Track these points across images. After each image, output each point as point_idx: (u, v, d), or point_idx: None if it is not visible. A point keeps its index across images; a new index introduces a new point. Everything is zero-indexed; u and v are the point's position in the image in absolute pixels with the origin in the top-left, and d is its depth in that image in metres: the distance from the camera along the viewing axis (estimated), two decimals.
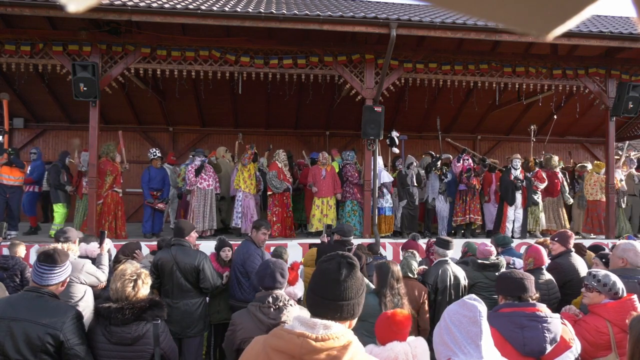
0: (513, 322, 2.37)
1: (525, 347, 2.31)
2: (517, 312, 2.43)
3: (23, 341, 2.42)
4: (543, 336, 2.33)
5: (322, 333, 1.40)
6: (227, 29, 7.81)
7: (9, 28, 7.74)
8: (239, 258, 4.75)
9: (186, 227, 4.44)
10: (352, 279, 1.48)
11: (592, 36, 7.66)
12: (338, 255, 1.53)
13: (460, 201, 8.96)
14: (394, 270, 3.45)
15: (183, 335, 4.14)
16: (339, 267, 1.48)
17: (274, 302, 2.70)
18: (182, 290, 4.19)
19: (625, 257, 3.47)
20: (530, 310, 2.42)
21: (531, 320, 2.38)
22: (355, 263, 1.52)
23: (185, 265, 4.16)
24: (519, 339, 2.31)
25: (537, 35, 0.53)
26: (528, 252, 4.13)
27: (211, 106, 11.71)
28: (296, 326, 1.44)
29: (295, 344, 1.39)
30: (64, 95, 10.45)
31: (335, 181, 8.55)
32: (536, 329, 2.35)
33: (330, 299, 1.45)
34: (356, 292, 1.49)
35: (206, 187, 8.17)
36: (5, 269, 4.40)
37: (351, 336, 1.45)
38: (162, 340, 2.74)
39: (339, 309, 1.45)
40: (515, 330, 2.35)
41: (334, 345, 1.38)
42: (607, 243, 7.10)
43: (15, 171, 8.14)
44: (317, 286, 1.50)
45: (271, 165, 8.41)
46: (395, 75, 8.32)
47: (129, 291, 2.69)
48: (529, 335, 2.34)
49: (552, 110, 10.75)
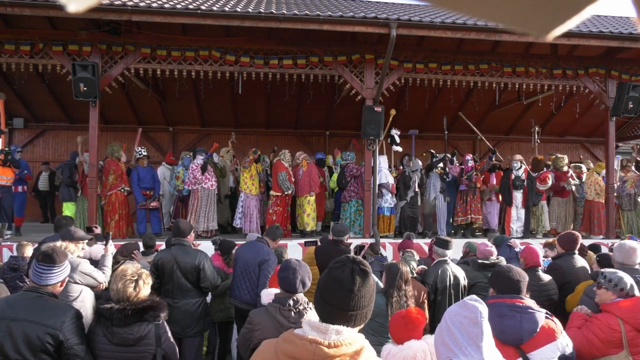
0: (495, 311, 2.43)
1: (503, 334, 2.41)
2: (499, 303, 2.56)
3: (23, 341, 2.42)
4: (521, 325, 2.44)
5: (335, 339, 1.38)
6: (227, 29, 7.81)
7: (9, 28, 7.74)
8: (255, 258, 4.61)
9: (186, 227, 4.44)
10: (365, 287, 1.44)
11: (592, 36, 7.66)
12: (350, 261, 1.48)
13: (460, 201, 8.97)
14: (403, 271, 3.46)
15: (183, 335, 4.13)
16: (352, 275, 1.44)
17: (294, 305, 2.67)
18: (183, 290, 4.18)
19: (613, 257, 3.62)
20: (510, 302, 2.55)
21: (511, 310, 2.50)
22: (368, 270, 1.48)
23: (185, 264, 4.16)
24: (498, 327, 2.38)
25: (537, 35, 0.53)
26: (521, 252, 4.27)
27: (211, 106, 11.71)
28: (307, 331, 1.42)
29: (308, 351, 1.38)
30: (64, 95, 10.45)
31: (311, 179, 8.49)
32: (514, 318, 2.47)
33: (344, 309, 1.41)
34: (369, 299, 1.46)
35: (210, 187, 8.18)
36: (15, 269, 4.42)
37: (363, 341, 1.44)
38: (164, 341, 2.74)
39: (352, 318, 1.42)
40: (495, 319, 2.41)
41: (346, 352, 1.37)
42: (607, 243, 7.11)
43: (7, 171, 8.11)
44: (329, 295, 1.45)
45: (278, 166, 8.31)
46: (395, 75, 8.32)
47: (130, 292, 2.69)
48: (507, 324, 2.46)
49: (552, 111, 10.75)
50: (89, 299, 3.54)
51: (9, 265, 4.50)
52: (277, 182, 8.15)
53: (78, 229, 4.35)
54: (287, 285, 2.75)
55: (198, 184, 8.09)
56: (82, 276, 3.56)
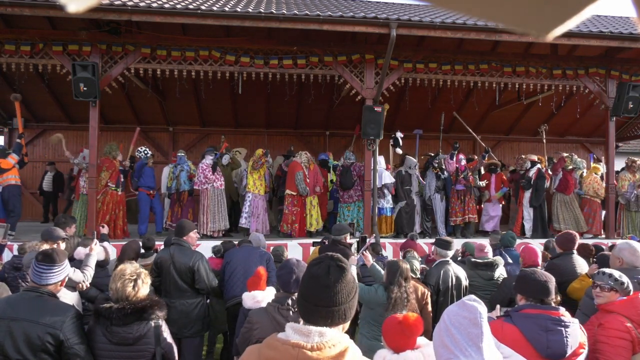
0: (538, 325, 2.38)
1: (548, 350, 2.34)
2: (542, 315, 2.43)
3: (23, 341, 2.42)
4: (566, 340, 2.36)
5: (317, 341, 1.37)
6: (227, 29, 7.81)
7: (9, 28, 7.74)
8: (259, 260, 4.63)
9: (187, 227, 4.44)
10: (342, 283, 1.43)
11: (592, 36, 7.66)
12: (327, 258, 1.49)
13: (458, 201, 8.97)
14: (403, 269, 3.50)
15: (181, 335, 4.13)
16: (328, 271, 1.44)
17: (292, 305, 2.68)
18: (179, 289, 4.19)
19: (621, 257, 3.52)
20: (555, 315, 2.44)
21: (556, 324, 2.40)
22: (345, 266, 1.48)
23: (180, 265, 4.16)
24: (543, 341, 2.33)
25: (537, 35, 0.53)
26: (520, 252, 4.29)
27: (211, 106, 11.71)
28: (290, 335, 1.41)
29: (290, 356, 1.37)
30: (64, 95, 10.44)
31: (317, 180, 8.56)
32: (560, 334, 2.37)
33: (321, 305, 1.41)
34: (347, 296, 1.44)
35: (219, 186, 8.20)
36: (18, 268, 4.44)
37: (347, 341, 1.43)
38: (163, 340, 2.74)
39: (330, 315, 1.41)
40: (539, 333, 2.36)
41: (329, 354, 1.37)
42: (607, 243, 7.10)
43: (15, 170, 8.13)
44: (308, 292, 1.46)
45: (295, 166, 8.31)
46: (395, 75, 8.32)
47: (129, 291, 2.68)
48: (553, 339, 2.36)
49: (552, 111, 10.74)
50: (68, 299, 3.50)
51: (12, 265, 4.51)
52: (294, 182, 8.17)
53: (57, 229, 4.39)
54: (283, 285, 2.80)
55: (209, 184, 8.09)
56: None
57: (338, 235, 5.11)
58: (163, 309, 2.79)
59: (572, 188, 9.24)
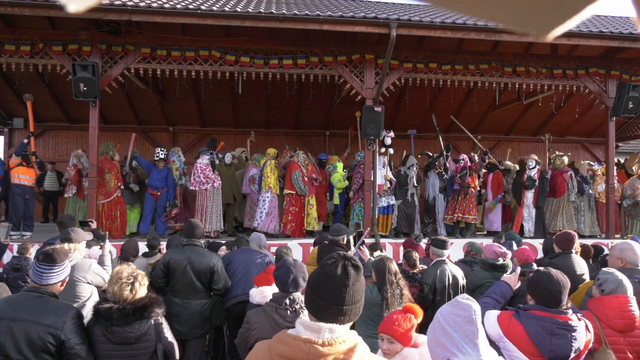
0: (543, 327, 2.38)
1: (551, 353, 2.35)
2: (549, 319, 2.41)
3: (24, 341, 2.41)
4: (570, 345, 2.36)
5: (328, 337, 1.39)
6: (227, 29, 7.80)
7: (9, 28, 7.74)
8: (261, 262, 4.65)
9: (198, 228, 4.48)
10: (358, 282, 1.46)
11: (592, 36, 7.66)
12: (341, 257, 1.50)
13: (453, 200, 8.98)
14: (390, 267, 3.48)
15: (191, 335, 4.16)
16: (346, 271, 1.45)
17: (290, 305, 2.69)
18: (195, 290, 4.21)
19: (624, 257, 3.50)
20: (563, 319, 2.42)
21: (562, 329, 2.38)
22: (360, 265, 1.50)
23: (200, 265, 4.18)
24: (547, 344, 2.33)
25: (537, 35, 0.53)
26: (514, 252, 4.36)
27: (211, 106, 11.71)
28: (301, 331, 1.43)
29: (302, 350, 1.39)
30: (64, 95, 10.45)
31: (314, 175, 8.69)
32: (565, 338, 2.37)
33: (335, 303, 1.43)
34: (361, 294, 1.48)
35: (218, 186, 8.20)
36: (17, 269, 4.45)
37: (356, 338, 1.45)
38: (164, 338, 2.75)
39: (342, 313, 1.43)
40: (544, 335, 2.36)
41: (340, 350, 1.39)
42: (607, 243, 7.11)
43: (31, 172, 8.12)
44: (321, 290, 1.46)
45: (292, 165, 8.34)
46: (395, 75, 8.32)
47: (127, 294, 2.67)
48: (557, 343, 2.36)
49: (552, 111, 10.73)
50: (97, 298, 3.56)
51: (11, 265, 4.52)
52: (291, 181, 8.21)
53: (78, 229, 4.36)
54: (280, 284, 2.80)
55: (209, 184, 8.07)
56: (94, 276, 3.58)
57: (336, 235, 5.10)
58: (162, 306, 2.80)
59: (562, 191, 9.23)
